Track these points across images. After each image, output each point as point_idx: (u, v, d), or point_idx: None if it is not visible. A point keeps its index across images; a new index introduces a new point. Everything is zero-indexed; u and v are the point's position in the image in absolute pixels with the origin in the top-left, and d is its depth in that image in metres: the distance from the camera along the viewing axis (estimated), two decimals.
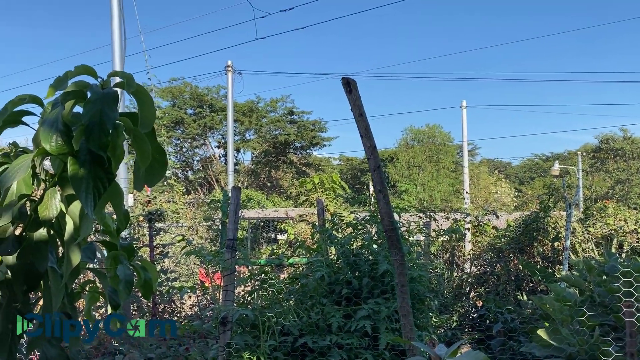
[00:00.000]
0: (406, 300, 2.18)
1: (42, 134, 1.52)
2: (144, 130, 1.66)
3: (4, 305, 1.72)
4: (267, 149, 35.08)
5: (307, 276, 4.08)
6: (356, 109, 2.28)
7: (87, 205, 1.52)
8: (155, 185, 1.84)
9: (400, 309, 2.20)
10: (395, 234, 2.22)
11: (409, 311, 2.20)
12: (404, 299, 2.18)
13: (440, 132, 36.99)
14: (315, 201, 10.32)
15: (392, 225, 2.22)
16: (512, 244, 7.01)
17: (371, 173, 2.26)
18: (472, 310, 6.61)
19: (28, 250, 1.67)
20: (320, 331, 3.62)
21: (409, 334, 2.18)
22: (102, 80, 1.64)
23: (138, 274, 2.02)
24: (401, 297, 2.19)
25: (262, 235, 11.06)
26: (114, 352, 5.28)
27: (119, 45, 6.73)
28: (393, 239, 2.21)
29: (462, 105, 18.88)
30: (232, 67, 12.81)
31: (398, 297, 2.21)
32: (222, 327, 3.44)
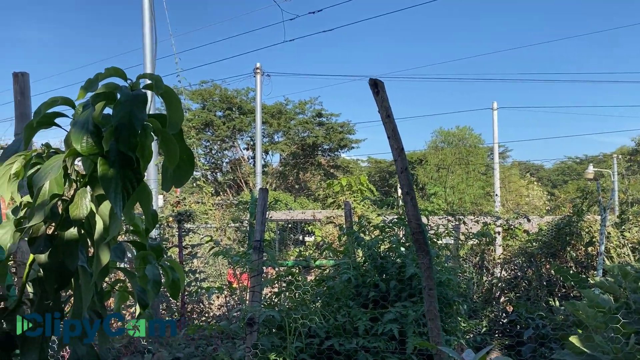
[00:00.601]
0: (433, 304, 2.15)
1: (73, 134, 1.54)
2: (172, 131, 1.68)
3: (36, 303, 1.76)
4: (295, 151, 35.18)
5: (334, 278, 4.07)
6: (383, 111, 2.26)
7: (116, 205, 1.54)
8: (182, 186, 1.86)
9: (427, 312, 2.17)
10: (423, 237, 2.19)
11: (436, 315, 2.16)
12: (431, 302, 2.15)
13: (470, 134, 36.50)
14: (343, 203, 10.30)
15: (420, 228, 2.19)
16: (544, 248, 6.85)
17: (398, 175, 2.23)
18: (502, 315, 6.48)
19: (59, 249, 1.70)
20: (347, 334, 3.60)
21: (436, 338, 2.14)
22: (132, 82, 1.67)
23: (166, 274, 2.04)
24: (428, 301, 2.16)
25: (290, 237, 11.08)
26: (143, 351, 5.35)
27: (150, 48, 6.85)
28: (420, 242, 2.18)
29: (493, 106, 18.59)
30: (261, 70, 12.88)
31: (425, 300, 2.18)
32: (249, 328, 3.45)
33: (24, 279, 1.79)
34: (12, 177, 1.70)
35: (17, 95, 3.27)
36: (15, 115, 3.26)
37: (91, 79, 1.65)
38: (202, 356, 5.30)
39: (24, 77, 3.30)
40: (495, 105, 18.51)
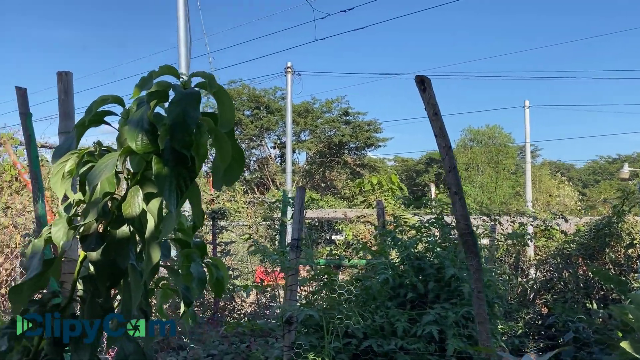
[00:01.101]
0: (483, 307, 2.10)
1: (128, 133, 1.54)
2: (224, 130, 1.66)
3: (88, 300, 1.77)
4: (322, 149, 35.17)
5: (370, 278, 4.03)
6: (430, 108, 2.21)
7: (171, 203, 1.54)
8: (234, 184, 1.85)
9: (476, 315, 2.12)
10: (472, 238, 2.14)
11: (486, 318, 2.11)
12: (481, 305, 2.10)
13: (500, 133, 35.95)
14: (374, 202, 10.24)
15: (469, 229, 2.14)
16: (582, 250, 6.68)
17: (446, 174, 2.19)
18: (538, 317, 6.34)
19: (111, 247, 1.70)
20: (385, 335, 3.57)
21: (486, 342, 2.09)
22: (184, 81, 1.66)
23: (210, 271, 2.03)
24: (477, 304, 2.11)
25: (321, 236, 11.07)
26: (178, 348, 5.41)
27: (184, 47, 6.92)
28: (469, 243, 2.13)
29: (525, 105, 18.24)
30: (292, 69, 12.88)
31: (474, 303, 2.13)
32: (287, 327, 3.45)
33: (75, 276, 1.80)
34: (66, 175, 1.71)
35: (61, 94, 3.31)
36: (59, 114, 3.30)
37: (145, 77, 1.64)
38: (236, 353, 5.32)
39: (68, 77, 3.34)
40: (527, 103, 18.15)
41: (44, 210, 3.28)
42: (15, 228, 6.51)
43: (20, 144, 6.83)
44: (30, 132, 3.35)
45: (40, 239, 1.80)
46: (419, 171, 41.40)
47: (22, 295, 1.75)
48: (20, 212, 6.72)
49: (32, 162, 3.36)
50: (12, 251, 6.39)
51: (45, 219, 3.26)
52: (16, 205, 6.59)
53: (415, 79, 2.23)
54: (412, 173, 41.66)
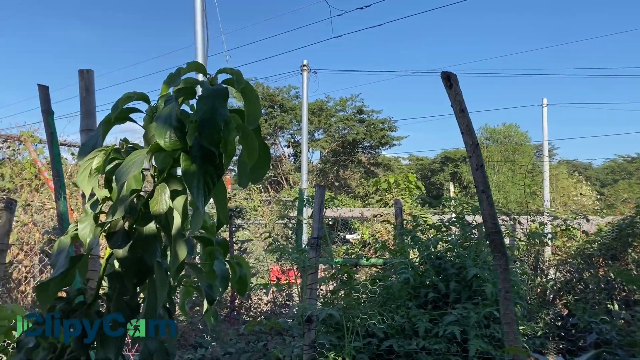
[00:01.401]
0: (510, 307, 2.06)
1: (156, 129, 1.53)
2: (251, 127, 1.65)
3: (115, 298, 1.76)
4: (336, 148, 35.14)
5: (390, 278, 4.00)
6: (457, 105, 2.17)
7: (199, 201, 1.52)
8: (260, 181, 1.83)
9: (503, 316, 2.08)
10: (499, 238, 2.10)
11: (513, 319, 2.07)
12: (508, 305, 2.06)
13: (516, 132, 35.60)
14: (390, 201, 10.19)
15: (496, 228, 2.10)
16: (603, 250, 6.57)
17: (472, 172, 2.15)
18: (557, 318, 6.26)
19: (138, 244, 1.69)
20: (406, 335, 3.53)
21: (513, 342, 2.05)
22: (211, 77, 1.64)
23: (233, 270, 2.02)
24: (505, 304, 2.07)
25: (337, 235, 11.03)
26: (196, 346, 5.42)
27: (201, 46, 6.92)
28: (497, 242, 2.09)
29: (543, 103, 18.01)
30: (308, 67, 12.83)
31: (501, 303, 2.09)
32: (308, 326, 3.42)
33: (101, 273, 1.80)
34: (93, 172, 1.70)
35: (83, 91, 3.32)
36: (80, 111, 3.31)
37: (172, 73, 1.63)
38: (253, 352, 5.32)
39: (89, 74, 3.35)
40: (545, 101, 17.93)
41: (65, 207, 3.29)
42: (34, 225, 6.57)
43: (40, 141, 6.90)
44: (52, 130, 3.37)
45: (67, 236, 1.80)
46: (433, 170, 41.19)
47: (49, 292, 1.75)
48: (39, 210, 6.79)
49: (54, 160, 3.37)
50: (31, 248, 6.45)
51: (67, 216, 3.27)
52: (35, 203, 6.65)
53: (441, 75, 2.20)
54: (426, 172, 41.44)
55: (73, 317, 1.83)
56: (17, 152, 7.00)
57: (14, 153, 6.98)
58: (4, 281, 5.32)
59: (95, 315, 1.82)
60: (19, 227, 6.30)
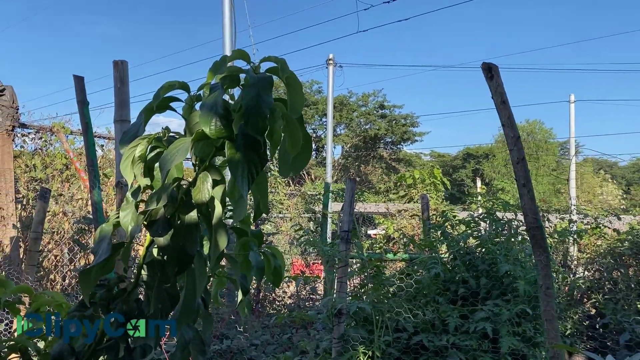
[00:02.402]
0: (551, 304, 2.02)
1: (201, 117, 1.52)
2: (294, 116, 1.63)
3: (155, 286, 1.77)
4: (357, 143, 35.04)
5: (419, 272, 3.96)
6: (498, 96, 2.13)
7: (243, 190, 1.52)
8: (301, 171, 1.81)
9: (544, 313, 2.04)
10: (541, 233, 2.06)
11: (554, 316, 2.03)
12: (549, 302, 2.02)
13: (540, 128, 35.07)
14: (416, 196, 10.13)
15: (537, 223, 2.06)
16: (635, 249, 6.43)
17: (513, 166, 2.11)
18: (586, 317, 6.15)
19: (180, 233, 1.70)
20: (436, 330, 3.50)
21: (554, 340, 2.01)
22: (255, 65, 1.64)
23: (267, 261, 2.01)
24: (545, 301, 2.03)
25: (361, 230, 11.00)
26: (222, 337, 5.46)
27: (229, 39, 6.94)
28: (538, 238, 2.04)
29: (570, 99, 17.67)
30: (334, 61, 12.79)
31: (542, 300, 2.05)
32: (337, 319, 3.41)
33: (141, 261, 1.81)
34: (136, 160, 1.71)
35: (117, 82, 3.35)
36: (115, 102, 3.34)
37: (217, 61, 1.63)
38: (278, 344, 5.34)
39: (123, 65, 3.37)
40: (573, 97, 17.58)
41: (100, 196, 3.33)
42: (64, 215, 6.67)
43: (71, 133, 7.01)
44: (87, 120, 3.40)
45: (109, 223, 1.81)
46: (455, 167, 40.82)
47: (91, 279, 1.76)
48: (69, 200, 6.90)
49: (88, 150, 3.41)
50: (62, 238, 6.56)
51: (101, 205, 3.31)
52: (66, 193, 6.76)
53: (482, 66, 2.16)
54: (448, 168, 41.10)
55: (113, 304, 1.84)
56: (48, 143, 7.12)
57: (46, 144, 7.10)
58: (36, 269, 5.41)
59: (134, 303, 1.83)
60: (49, 216, 6.41)
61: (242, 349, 5.00)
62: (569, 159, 20.70)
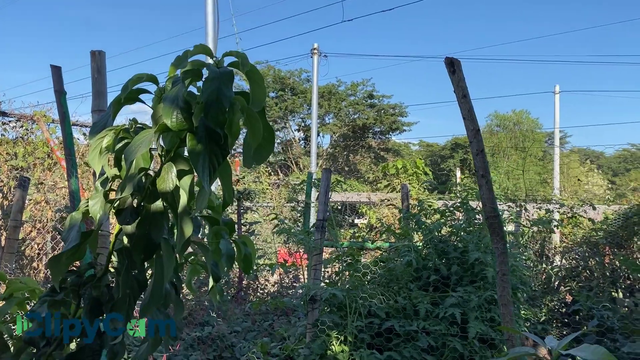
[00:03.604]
0: (507, 290, 2.11)
1: (163, 110, 1.58)
2: (256, 109, 1.69)
3: (123, 272, 1.84)
4: (346, 132, 35.08)
5: (394, 260, 4.06)
6: (459, 90, 2.21)
7: (204, 179, 1.58)
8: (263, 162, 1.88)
9: (500, 298, 2.14)
10: (498, 222, 2.15)
11: (510, 300, 2.13)
12: (505, 288, 2.12)
13: (527, 118, 35.32)
14: (398, 186, 10.24)
15: (495, 212, 2.15)
16: (609, 238, 6.59)
17: (473, 157, 2.19)
18: (562, 305, 6.31)
19: (146, 221, 1.76)
20: (407, 316, 3.60)
21: (509, 324, 2.11)
22: (217, 60, 1.69)
23: (238, 248, 2.07)
24: (501, 286, 2.12)
25: (344, 219, 11.12)
26: (204, 324, 5.54)
27: (212, 28, 6.94)
28: (495, 226, 2.13)
29: (555, 90, 17.85)
30: (318, 50, 12.82)
31: (498, 286, 2.15)
32: (311, 305, 3.51)
33: (110, 248, 1.87)
34: (103, 150, 1.77)
35: (94, 72, 3.38)
36: (92, 92, 3.37)
37: (180, 56, 1.68)
38: (259, 331, 5.44)
39: (101, 56, 3.40)
40: (558, 88, 17.76)
41: (77, 185, 3.38)
42: (47, 204, 6.69)
43: (53, 121, 7.00)
44: (64, 110, 3.44)
45: (78, 212, 1.86)
46: (444, 156, 41.03)
47: (61, 265, 1.82)
48: (51, 189, 6.91)
49: (66, 139, 3.45)
50: (44, 226, 6.58)
51: (78, 194, 3.35)
52: (48, 182, 6.77)
53: (445, 61, 2.23)
54: (436, 158, 41.29)
55: (83, 289, 1.89)
56: (30, 132, 7.11)
57: (27, 132, 7.09)
58: (17, 257, 5.44)
59: (105, 288, 1.89)
60: (31, 205, 6.43)
61: (223, 336, 5.07)
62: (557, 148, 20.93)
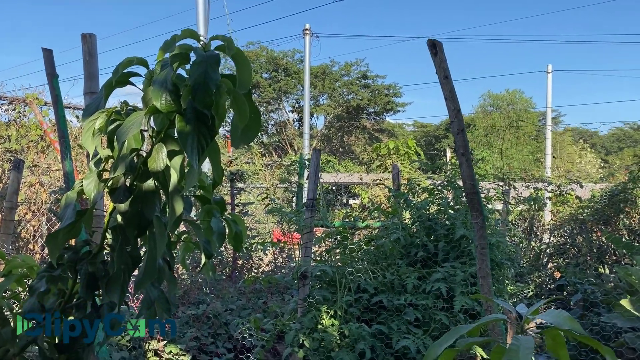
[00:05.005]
0: (485, 262, 2.21)
1: (153, 93, 1.65)
2: (242, 91, 1.76)
3: (117, 249, 1.92)
4: (340, 113, 35.02)
5: (383, 238, 4.17)
6: (441, 71, 2.28)
7: (193, 159, 1.66)
8: (251, 143, 1.96)
9: (479, 270, 2.24)
10: (477, 198, 2.24)
11: (488, 273, 2.23)
12: (483, 260, 2.21)
13: (521, 98, 35.36)
14: (390, 166, 10.33)
15: (474, 189, 2.24)
16: (596, 215, 6.73)
17: (454, 136, 2.27)
18: (549, 281, 6.46)
19: (138, 199, 1.83)
20: (395, 290, 3.72)
21: (488, 294, 2.21)
22: (204, 43, 1.76)
23: (229, 226, 2.15)
24: (480, 259, 2.22)
25: (337, 199, 11.24)
26: (198, 302, 5.66)
27: (202, 9, 6.94)
28: (474, 202, 2.23)
29: (548, 69, 17.89)
30: (310, 31, 12.76)
31: (477, 259, 2.25)
32: (302, 281, 3.61)
33: (105, 226, 1.95)
34: (96, 132, 1.83)
35: (86, 55, 3.42)
36: (84, 75, 3.42)
37: (168, 40, 1.74)
38: (253, 309, 5.56)
39: (92, 38, 3.44)
40: (550, 67, 17.80)
41: (71, 167, 3.44)
42: (41, 186, 6.74)
43: (45, 104, 7.01)
44: (57, 93, 3.48)
45: (73, 191, 1.94)
46: (438, 137, 41.12)
47: (58, 241, 1.90)
48: (45, 171, 6.96)
49: (59, 121, 3.50)
50: (39, 208, 6.65)
51: (72, 176, 3.42)
52: (42, 164, 6.81)
53: (427, 43, 2.30)
54: (431, 138, 41.36)
55: (79, 265, 1.97)
56: (22, 115, 7.13)
57: (20, 115, 7.11)
58: (13, 239, 5.52)
59: (101, 264, 1.98)
60: (26, 187, 6.48)
61: (218, 313, 5.19)
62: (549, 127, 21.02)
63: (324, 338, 3.40)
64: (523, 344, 1.39)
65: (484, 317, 1.53)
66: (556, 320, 1.42)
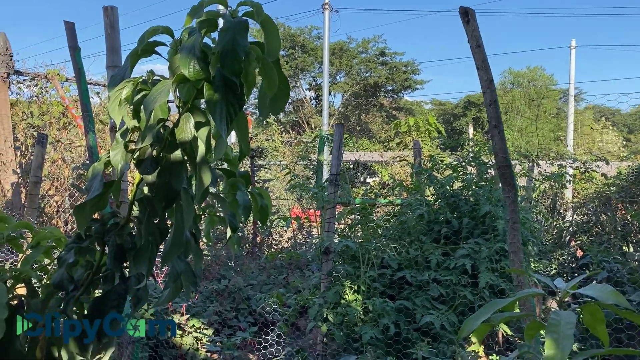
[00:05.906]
0: (517, 237, 2.16)
1: (180, 60, 1.61)
2: (271, 59, 1.71)
3: (145, 221, 1.90)
4: (357, 91, 34.70)
5: (406, 214, 4.12)
6: (474, 40, 2.20)
7: (222, 129, 1.62)
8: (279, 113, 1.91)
9: (510, 245, 2.19)
10: (509, 171, 2.18)
11: (520, 248, 2.18)
12: (515, 235, 2.16)
13: (542, 75, 34.68)
14: (410, 144, 10.22)
15: (506, 162, 2.18)
16: (622, 193, 6.59)
17: (486, 107, 2.20)
18: (571, 259, 6.38)
19: (166, 170, 1.81)
20: (419, 267, 3.69)
21: (518, 269, 2.17)
22: (232, 10, 1.70)
23: (254, 200, 2.12)
24: (512, 234, 2.17)
25: (357, 176, 11.17)
26: (220, 278, 5.71)
27: None
28: (506, 175, 2.17)
29: (571, 45, 17.43)
30: (329, 5, 12.52)
31: (509, 233, 2.20)
32: (325, 257, 3.60)
33: (132, 198, 1.93)
34: (122, 102, 1.80)
35: (107, 28, 3.38)
36: (106, 48, 3.39)
37: (195, 6, 1.69)
38: (274, 284, 5.59)
39: (113, 11, 3.40)
40: (574, 43, 17.34)
41: (94, 141, 3.44)
42: (64, 162, 6.80)
43: (67, 80, 7.03)
44: (79, 66, 3.46)
45: (100, 162, 1.92)
46: (456, 115, 40.62)
47: (85, 213, 1.88)
48: (67, 147, 7.01)
49: (82, 95, 3.49)
50: (62, 184, 6.71)
51: (96, 149, 3.42)
52: (65, 140, 6.86)
53: (459, 10, 2.22)
54: (449, 117, 40.89)
55: (107, 237, 1.96)
56: (44, 90, 7.16)
57: (42, 91, 7.14)
58: (37, 214, 5.58)
59: (127, 236, 1.97)
60: (49, 163, 6.54)
61: (239, 289, 5.23)
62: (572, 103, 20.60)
63: (348, 312, 3.39)
64: (564, 319, 1.35)
65: (519, 291, 1.49)
66: (600, 294, 1.37)
